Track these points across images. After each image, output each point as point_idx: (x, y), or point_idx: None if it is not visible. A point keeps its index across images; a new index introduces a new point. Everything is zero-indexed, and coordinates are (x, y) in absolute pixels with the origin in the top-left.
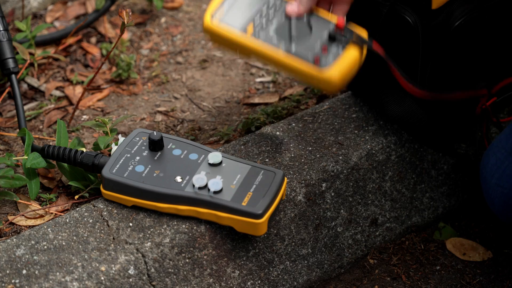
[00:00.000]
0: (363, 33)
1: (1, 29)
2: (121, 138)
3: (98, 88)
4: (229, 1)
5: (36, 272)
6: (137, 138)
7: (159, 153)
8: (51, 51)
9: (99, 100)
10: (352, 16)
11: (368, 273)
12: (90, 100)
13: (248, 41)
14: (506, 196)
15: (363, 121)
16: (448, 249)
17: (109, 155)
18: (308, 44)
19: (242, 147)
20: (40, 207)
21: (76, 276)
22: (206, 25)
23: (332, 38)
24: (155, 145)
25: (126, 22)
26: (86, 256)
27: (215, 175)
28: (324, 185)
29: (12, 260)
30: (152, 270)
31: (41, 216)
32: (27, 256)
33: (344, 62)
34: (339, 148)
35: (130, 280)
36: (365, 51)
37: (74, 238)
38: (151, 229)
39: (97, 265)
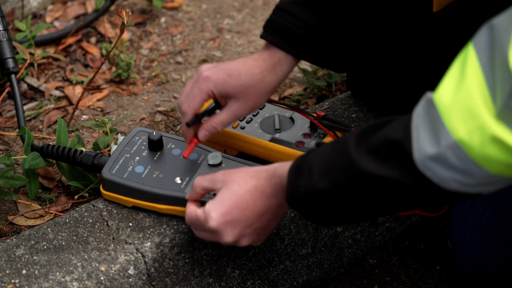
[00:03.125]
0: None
1: (1, 29)
2: (120, 138)
3: (98, 88)
4: None
5: (36, 272)
6: (137, 138)
7: (159, 153)
8: (51, 51)
9: (99, 100)
10: (351, 21)
11: (368, 273)
12: (90, 100)
13: (235, 133)
14: (472, 261)
15: (363, 121)
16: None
17: (109, 155)
18: (291, 133)
19: None
20: (39, 207)
21: (76, 276)
22: None
23: (313, 127)
24: (155, 145)
25: (125, 22)
26: (86, 256)
27: None
28: None
29: (12, 260)
30: (152, 270)
31: (41, 216)
32: (27, 256)
33: None
34: None
35: (130, 280)
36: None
37: (74, 238)
38: (151, 229)
39: (97, 265)
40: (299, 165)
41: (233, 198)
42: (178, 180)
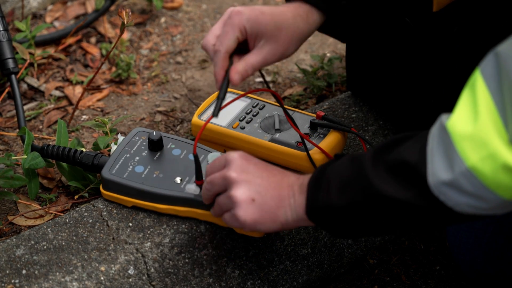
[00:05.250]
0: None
1: (1, 29)
2: (120, 138)
3: (98, 88)
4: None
5: (36, 272)
6: (137, 138)
7: (159, 153)
8: (51, 51)
9: (98, 100)
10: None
11: (368, 273)
12: (89, 100)
13: (235, 133)
14: (469, 262)
15: (363, 121)
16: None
17: (109, 155)
18: (291, 133)
19: None
20: (39, 207)
21: (75, 276)
22: (194, 121)
23: (313, 127)
24: (155, 145)
25: (125, 22)
26: (85, 256)
27: None
28: None
29: (12, 260)
30: (152, 270)
31: (41, 216)
32: (26, 256)
33: (325, 145)
34: None
35: (130, 280)
36: (346, 135)
37: (74, 238)
38: (151, 229)
39: (97, 265)
40: (318, 177)
41: (254, 160)
42: (178, 180)
